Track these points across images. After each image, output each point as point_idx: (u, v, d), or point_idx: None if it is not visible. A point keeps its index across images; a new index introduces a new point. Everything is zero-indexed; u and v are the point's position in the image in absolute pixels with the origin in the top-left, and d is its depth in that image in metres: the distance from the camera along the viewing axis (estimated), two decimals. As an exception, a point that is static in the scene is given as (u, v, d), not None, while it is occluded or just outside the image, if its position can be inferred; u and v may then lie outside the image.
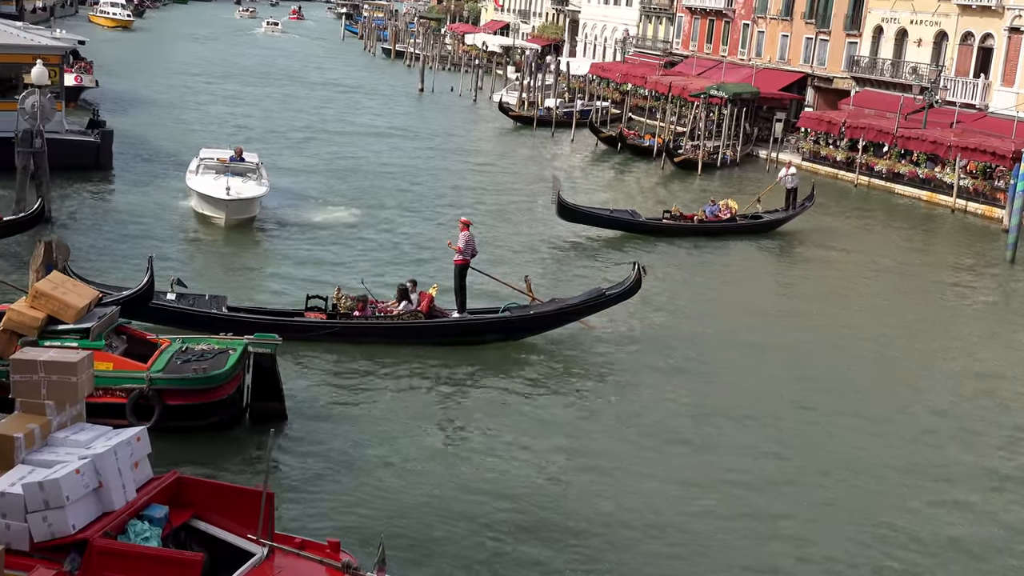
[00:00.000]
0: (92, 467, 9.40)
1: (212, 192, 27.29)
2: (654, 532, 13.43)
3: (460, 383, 18.07)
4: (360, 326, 19.13)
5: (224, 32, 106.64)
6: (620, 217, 30.44)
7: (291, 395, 16.15)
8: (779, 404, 18.22)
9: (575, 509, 13.76)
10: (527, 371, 18.79)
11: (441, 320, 19.66)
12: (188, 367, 14.90)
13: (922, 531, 14.02)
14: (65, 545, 9.10)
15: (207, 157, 29.71)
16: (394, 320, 19.27)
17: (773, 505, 14.39)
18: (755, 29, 59.44)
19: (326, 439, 15.29)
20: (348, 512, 13.21)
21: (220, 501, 9.97)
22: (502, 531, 13.02)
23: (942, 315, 25.65)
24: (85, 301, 15.05)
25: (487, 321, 19.91)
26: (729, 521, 13.86)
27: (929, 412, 18.54)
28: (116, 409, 14.27)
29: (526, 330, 20.07)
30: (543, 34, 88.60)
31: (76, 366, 10.34)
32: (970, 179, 39.51)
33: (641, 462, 15.44)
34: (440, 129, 51.65)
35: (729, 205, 32.24)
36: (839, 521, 14.09)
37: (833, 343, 22.15)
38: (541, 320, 20.06)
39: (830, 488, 15.10)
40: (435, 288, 19.97)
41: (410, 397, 17.25)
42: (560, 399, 17.71)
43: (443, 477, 14.41)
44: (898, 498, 14.95)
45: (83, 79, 46.32)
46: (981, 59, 44.56)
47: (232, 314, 18.73)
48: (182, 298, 18.84)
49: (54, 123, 31.03)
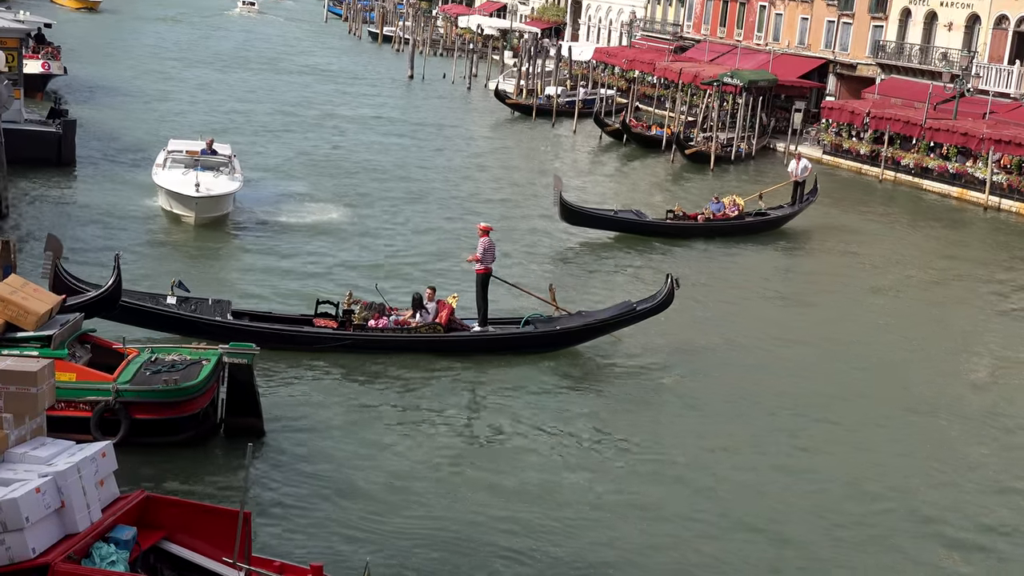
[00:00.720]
0: (54, 485, 9.44)
1: (180, 189, 27.22)
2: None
3: (457, 397, 18.10)
4: (376, 339, 19.05)
5: (195, 12, 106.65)
6: (626, 218, 30.42)
7: (274, 407, 16.20)
8: (831, 427, 18.16)
9: (576, 536, 13.75)
10: (532, 385, 18.73)
11: (462, 335, 19.59)
12: (158, 378, 14.92)
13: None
14: (24, 570, 9.13)
15: (175, 150, 29.53)
16: (411, 334, 19.15)
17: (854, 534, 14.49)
18: (772, 11, 59.59)
19: (310, 455, 15.32)
20: (332, 534, 13.25)
21: (192, 522, 10.02)
22: (496, 556, 13.06)
23: (977, 320, 25.73)
24: (47, 306, 15.08)
25: (512, 337, 19.92)
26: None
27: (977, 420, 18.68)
28: (79, 423, 14.27)
29: (552, 345, 20.11)
30: (543, 16, 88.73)
31: (36, 376, 10.38)
32: (1004, 174, 39.61)
33: (646, 497, 15.34)
34: (432, 119, 51.74)
35: (736, 202, 32.25)
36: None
37: (863, 350, 22.23)
38: (568, 336, 20.15)
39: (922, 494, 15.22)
40: (455, 298, 19.98)
41: (401, 412, 17.27)
42: (567, 416, 17.71)
43: (435, 498, 14.44)
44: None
45: (50, 66, 45.12)
46: (1017, 44, 44.70)
47: (237, 322, 18.83)
48: (183, 303, 18.85)
49: (11, 112, 31.07)
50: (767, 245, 31.41)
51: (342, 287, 23.18)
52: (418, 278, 24.09)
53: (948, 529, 14.89)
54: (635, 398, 18.77)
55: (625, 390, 19.11)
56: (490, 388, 18.54)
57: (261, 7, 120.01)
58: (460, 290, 21.52)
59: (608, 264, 28.06)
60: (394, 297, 20.71)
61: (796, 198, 34.02)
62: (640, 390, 19.21)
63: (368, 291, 20.89)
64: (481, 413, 17.64)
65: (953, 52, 47.02)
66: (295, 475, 14.70)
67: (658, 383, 19.58)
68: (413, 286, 21.16)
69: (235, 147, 32.46)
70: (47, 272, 17.42)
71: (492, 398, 18.19)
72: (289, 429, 16.10)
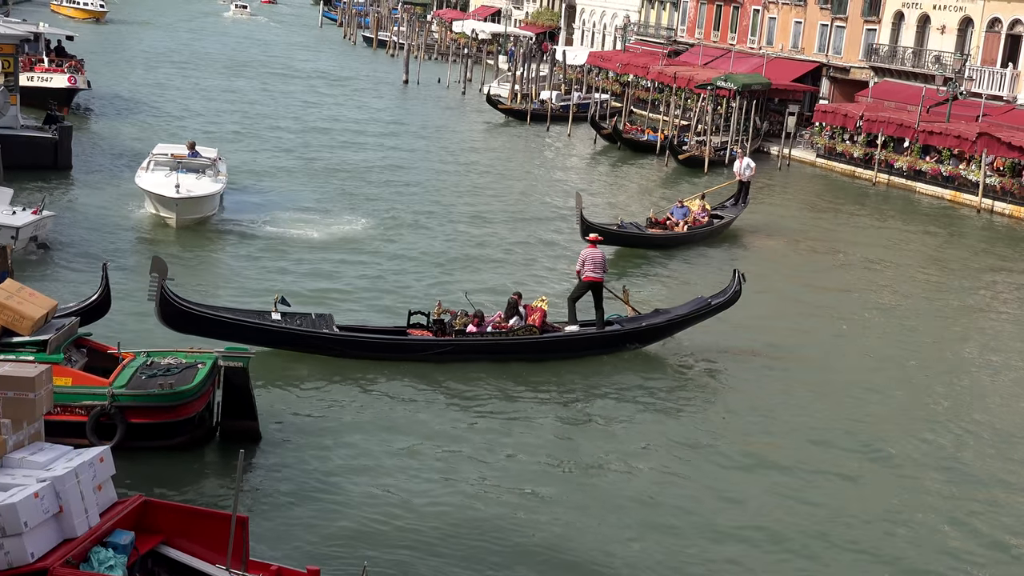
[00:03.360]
0: (52, 490, 9.45)
1: (161, 190, 27.21)
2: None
3: (469, 400, 18.03)
4: (478, 344, 19.43)
5: (194, 15, 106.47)
6: (629, 232, 29.54)
7: (273, 409, 16.21)
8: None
9: (589, 545, 13.66)
10: (551, 389, 18.74)
11: (557, 335, 20.04)
12: (153, 382, 14.92)
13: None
14: (23, 575, 9.14)
15: (160, 153, 29.70)
16: (509, 336, 19.60)
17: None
18: (766, 15, 59.70)
19: (307, 458, 15.32)
20: (330, 538, 13.23)
21: (190, 526, 10.04)
22: (498, 564, 13.05)
23: (975, 322, 25.80)
24: (42, 311, 15.09)
25: (605, 335, 20.35)
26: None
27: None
28: (75, 428, 14.27)
29: (639, 341, 20.62)
30: (537, 21, 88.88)
31: (34, 381, 10.39)
32: (997, 177, 39.72)
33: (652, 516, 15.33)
34: (428, 124, 51.75)
35: (705, 207, 31.69)
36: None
37: (858, 350, 22.30)
38: (654, 332, 20.74)
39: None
40: (543, 300, 20.50)
41: (405, 415, 17.25)
42: (575, 422, 17.69)
43: (437, 502, 14.41)
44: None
45: (76, 80, 43.40)
46: (1009, 47, 44.84)
47: (353, 334, 19.10)
48: (287, 318, 18.99)
49: (8, 119, 31.08)
50: (761, 249, 31.45)
51: (340, 292, 23.25)
52: (413, 286, 24.11)
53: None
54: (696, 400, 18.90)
55: (686, 394, 19.17)
56: (484, 388, 18.50)
57: (253, 10, 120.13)
58: (454, 299, 21.60)
59: (637, 271, 27.77)
60: (392, 308, 20.66)
61: (740, 197, 33.85)
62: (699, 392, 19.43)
63: (456, 301, 21.09)
64: (478, 416, 17.60)
65: (946, 55, 47.14)
66: (293, 478, 14.70)
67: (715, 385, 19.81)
68: (410, 298, 21.14)
69: (226, 151, 32.38)
70: (153, 295, 17.48)
71: (494, 398, 18.17)
72: (283, 434, 16.11)
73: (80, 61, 46.61)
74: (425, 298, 22.25)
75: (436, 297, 21.48)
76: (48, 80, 42.49)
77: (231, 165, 32.58)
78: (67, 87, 42.72)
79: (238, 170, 34.00)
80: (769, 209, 37.13)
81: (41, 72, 42.92)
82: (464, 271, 26.13)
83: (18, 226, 23.45)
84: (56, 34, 48.35)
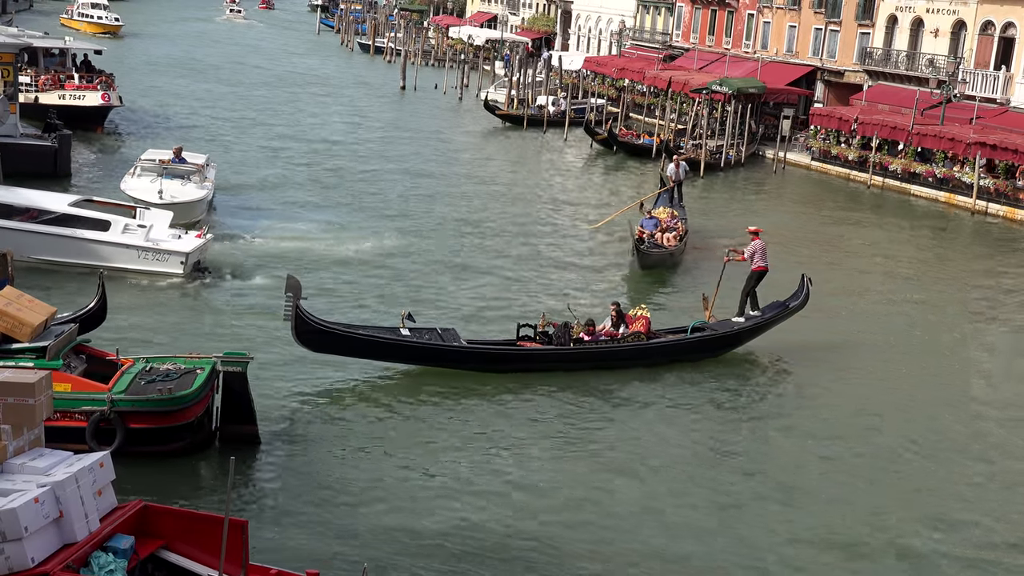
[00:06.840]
0: (52, 495, 9.47)
1: (144, 196, 27.06)
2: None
3: (471, 406, 18.05)
4: (594, 352, 19.88)
5: (195, 14, 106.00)
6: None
7: (271, 412, 16.23)
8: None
9: (587, 551, 13.67)
10: (557, 399, 18.74)
11: (665, 340, 20.60)
12: (152, 388, 14.94)
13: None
14: (24, 579, 9.17)
15: (147, 159, 29.64)
16: (620, 344, 20.04)
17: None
18: (760, 20, 59.78)
19: (307, 463, 15.34)
20: (330, 542, 13.26)
21: (190, 530, 10.06)
22: (501, 569, 13.05)
23: (969, 326, 25.83)
24: (41, 318, 15.13)
25: (704, 339, 20.87)
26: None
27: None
28: (75, 433, 14.30)
29: (729, 346, 21.32)
30: (534, 26, 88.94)
31: (34, 387, 10.40)
32: (991, 179, 39.78)
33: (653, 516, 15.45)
34: (425, 130, 51.70)
35: (674, 214, 30.96)
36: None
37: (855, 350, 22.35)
38: (743, 335, 21.40)
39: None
40: (645, 308, 21.07)
41: (405, 420, 17.28)
42: (583, 429, 17.71)
43: (438, 507, 14.41)
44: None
45: (109, 97, 41.56)
46: (1002, 50, 44.91)
47: (482, 347, 19.46)
48: (416, 333, 19.13)
49: (8, 127, 31.11)
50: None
51: (340, 297, 23.27)
52: (404, 294, 23.97)
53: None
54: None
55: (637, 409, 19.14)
56: (493, 395, 18.52)
57: (247, 13, 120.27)
58: (455, 304, 21.62)
59: (623, 274, 27.67)
60: (386, 315, 20.65)
61: (676, 197, 33.93)
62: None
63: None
64: (482, 421, 17.63)
65: (939, 58, 47.20)
66: (293, 482, 14.72)
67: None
68: (407, 305, 21.01)
69: (222, 161, 32.19)
70: (288, 314, 17.44)
71: (499, 406, 18.19)
72: (282, 438, 16.13)
73: (110, 76, 44.35)
74: (436, 307, 22.28)
75: (484, 310, 22.21)
76: (81, 98, 40.87)
77: (230, 173, 32.49)
78: (101, 104, 41.19)
79: (235, 175, 33.96)
80: (764, 212, 37.16)
81: (72, 90, 41.24)
82: (494, 287, 25.57)
83: (187, 251, 23.44)
84: (83, 48, 46.91)
